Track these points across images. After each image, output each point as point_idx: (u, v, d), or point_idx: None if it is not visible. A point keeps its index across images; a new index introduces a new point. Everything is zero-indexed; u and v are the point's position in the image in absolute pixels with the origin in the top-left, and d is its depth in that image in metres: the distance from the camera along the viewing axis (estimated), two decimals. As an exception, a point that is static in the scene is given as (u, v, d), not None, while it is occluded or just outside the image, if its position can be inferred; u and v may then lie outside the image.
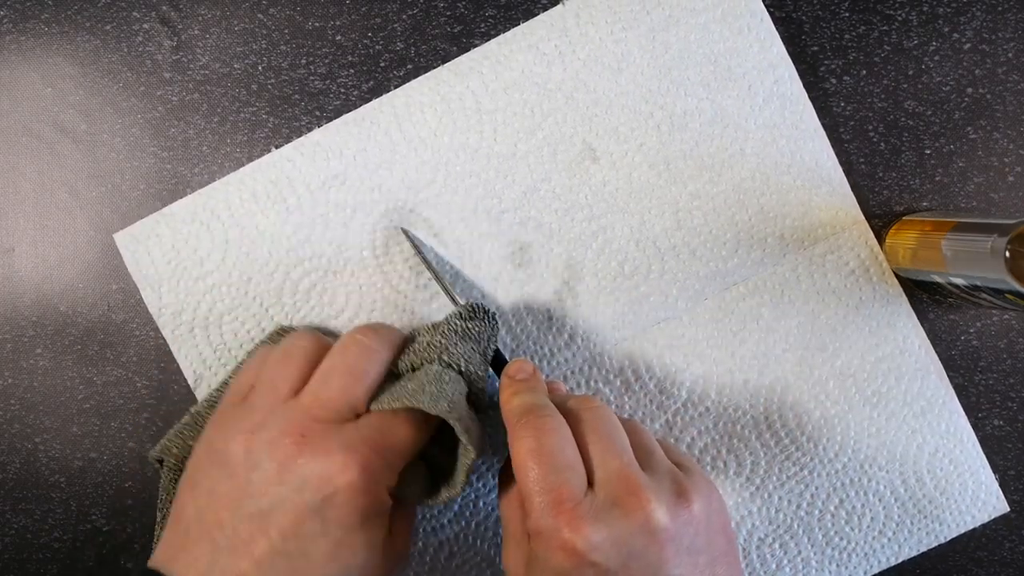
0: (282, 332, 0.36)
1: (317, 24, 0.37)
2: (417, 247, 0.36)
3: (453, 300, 0.34)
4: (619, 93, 0.37)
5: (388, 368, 0.31)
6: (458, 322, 0.32)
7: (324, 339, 0.31)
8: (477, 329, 0.32)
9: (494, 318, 0.33)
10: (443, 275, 0.36)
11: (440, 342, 0.30)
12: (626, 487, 0.27)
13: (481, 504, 0.37)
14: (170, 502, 0.33)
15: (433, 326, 0.32)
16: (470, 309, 0.32)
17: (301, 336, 0.31)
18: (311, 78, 0.37)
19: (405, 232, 0.36)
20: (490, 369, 0.33)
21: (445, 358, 0.30)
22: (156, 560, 0.27)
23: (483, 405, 0.32)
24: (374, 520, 0.27)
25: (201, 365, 0.37)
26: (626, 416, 0.37)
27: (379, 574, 0.28)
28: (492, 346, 0.32)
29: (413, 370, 0.31)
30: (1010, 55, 0.37)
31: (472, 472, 0.29)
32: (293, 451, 0.26)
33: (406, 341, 0.33)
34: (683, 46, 0.36)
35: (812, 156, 0.37)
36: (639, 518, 0.26)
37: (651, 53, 0.36)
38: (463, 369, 0.30)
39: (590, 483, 0.27)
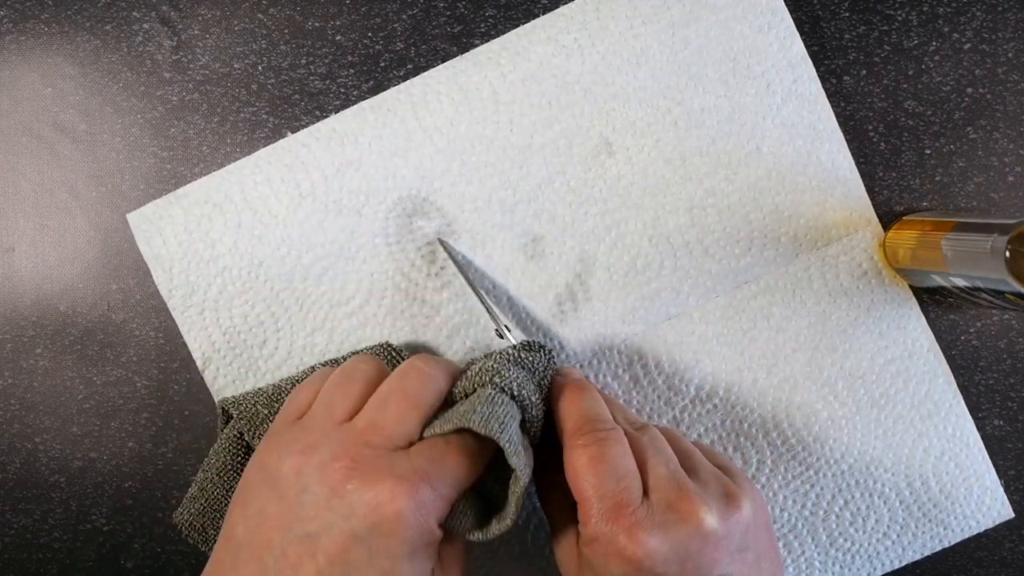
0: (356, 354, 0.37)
1: (317, 24, 0.40)
2: (457, 262, 0.38)
3: (493, 317, 0.36)
4: (637, 88, 0.39)
5: (445, 397, 0.32)
6: (512, 351, 0.33)
7: (384, 367, 0.33)
8: (532, 359, 0.33)
9: (550, 353, 0.34)
10: (481, 290, 0.37)
11: (492, 366, 0.32)
12: (677, 494, 0.29)
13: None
14: (215, 466, 0.35)
15: (487, 355, 0.34)
16: (527, 344, 0.34)
17: (363, 360, 0.33)
18: (311, 78, 0.40)
19: (443, 244, 0.38)
20: (544, 404, 0.34)
21: (497, 380, 0.31)
22: None
23: (536, 434, 0.32)
24: (422, 552, 0.28)
25: (210, 347, 0.40)
26: (633, 411, 0.40)
27: None
28: (547, 380, 0.34)
29: (466, 396, 0.32)
30: (1010, 55, 0.39)
31: (522, 502, 0.30)
32: (343, 476, 0.27)
33: (461, 371, 0.34)
34: (702, 42, 0.39)
35: (829, 157, 0.40)
36: (692, 523, 0.28)
37: (670, 48, 0.39)
38: (515, 393, 0.31)
39: (644, 492, 0.29)
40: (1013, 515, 0.40)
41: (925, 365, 0.40)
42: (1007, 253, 0.30)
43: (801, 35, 0.39)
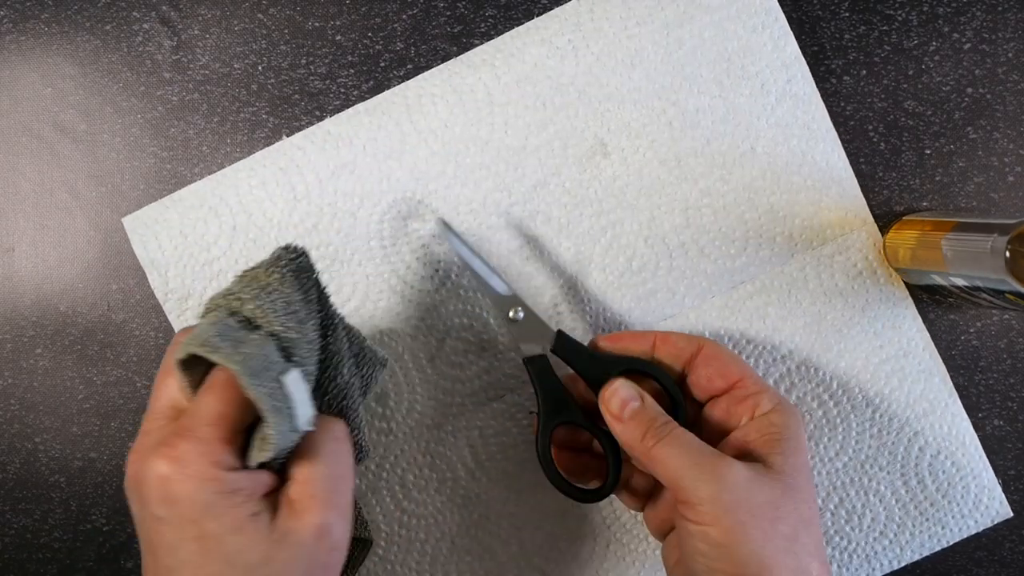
0: None
1: (317, 24, 0.40)
2: (462, 241, 0.38)
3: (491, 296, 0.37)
4: (631, 89, 0.39)
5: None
6: (242, 272, 0.32)
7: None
8: (253, 272, 0.31)
9: (290, 250, 0.31)
10: (484, 268, 0.37)
11: (211, 296, 0.31)
12: None
13: (484, 497, 0.40)
14: None
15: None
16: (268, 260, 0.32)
17: None
18: (311, 78, 0.40)
19: (446, 225, 0.38)
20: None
21: (210, 305, 0.31)
22: None
23: (292, 326, 0.30)
24: (221, 503, 0.27)
25: (206, 351, 0.40)
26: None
27: (280, 551, 0.28)
28: (277, 271, 0.31)
29: None
30: (1010, 55, 0.40)
31: (267, 400, 0.28)
32: (137, 469, 0.28)
33: None
34: (697, 43, 0.39)
35: (823, 156, 0.40)
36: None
37: (664, 49, 0.39)
38: (231, 308, 0.30)
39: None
40: (1012, 514, 0.40)
41: (920, 364, 0.40)
42: (1007, 253, 0.30)
43: (801, 35, 0.39)
